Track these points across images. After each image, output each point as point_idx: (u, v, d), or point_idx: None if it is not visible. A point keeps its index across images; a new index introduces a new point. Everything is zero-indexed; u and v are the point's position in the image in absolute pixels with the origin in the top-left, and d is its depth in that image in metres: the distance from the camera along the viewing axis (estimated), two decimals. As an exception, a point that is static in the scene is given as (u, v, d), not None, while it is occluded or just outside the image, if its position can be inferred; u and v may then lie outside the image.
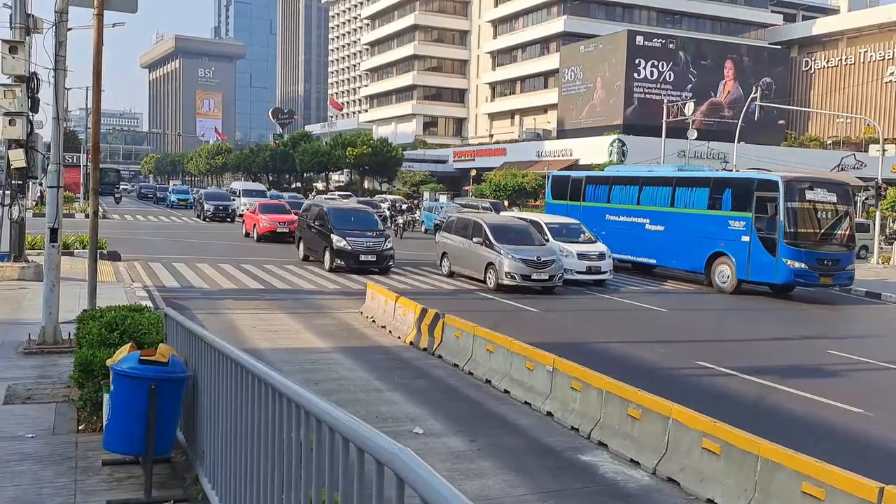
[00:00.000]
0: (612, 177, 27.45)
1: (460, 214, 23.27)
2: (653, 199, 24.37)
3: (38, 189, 39.79)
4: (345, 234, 21.17)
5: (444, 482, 2.10)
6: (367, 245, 21.22)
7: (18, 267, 15.94)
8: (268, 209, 31.35)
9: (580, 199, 27.56)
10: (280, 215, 30.61)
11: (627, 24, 73.62)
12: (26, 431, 6.67)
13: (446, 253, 21.56)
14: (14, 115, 12.18)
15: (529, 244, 19.44)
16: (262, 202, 34.05)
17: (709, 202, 22.19)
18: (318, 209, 23.38)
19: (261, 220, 29.98)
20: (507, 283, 18.61)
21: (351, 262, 20.87)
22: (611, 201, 26.19)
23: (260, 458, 3.86)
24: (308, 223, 23.49)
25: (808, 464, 5.83)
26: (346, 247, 20.97)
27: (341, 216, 22.40)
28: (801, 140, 71.89)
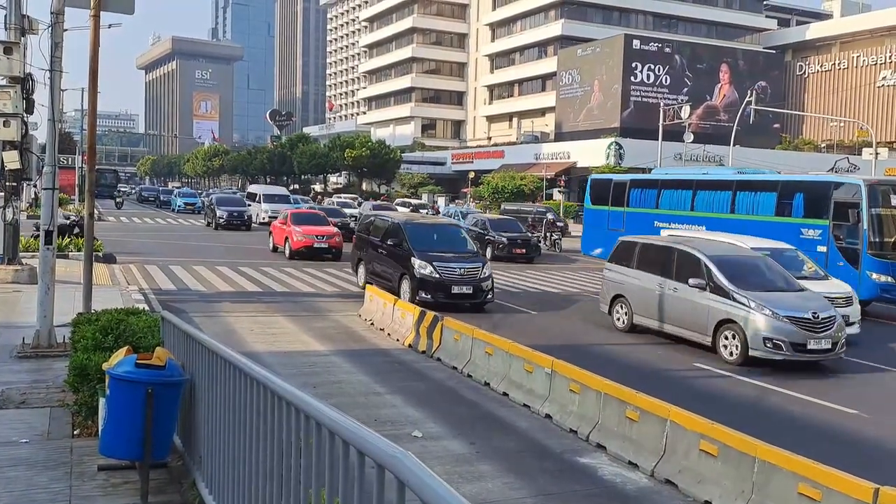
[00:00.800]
0: (661, 180, 24.98)
1: (650, 241, 15.27)
2: (709, 205, 22.19)
3: (33, 191, 39.72)
4: (429, 258, 16.12)
5: (445, 486, 2.08)
6: (461, 272, 16.08)
7: (12, 269, 15.87)
8: (302, 219, 26.13)
9: (623, 204, 25.40)
10: (317, 227, 25.58)
11: (624, 27, 73.80)
12: (20, 436, 6.62)
13: (623, 296, 14.70)
14: (8, 116, 12.10)
15: (780, 288, 12.75)
16: (294, 211, 28.43)
17: (776, 208, 20.03)
18: (388, 224, 18.19)
19: (294, 233, 24.85)
20: (764, 355, 11.77)
21: (440, 296, 15.78)
22: (660, 207, 23.94)
23: (258, 462, 3.83)
24: (372, 241, 18.46)
25: (804, 465, 5.83)
26: (432, 274, 15.84)
27: (422, 233, 17.49)
28: (796, 143, 72.11)
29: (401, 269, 16.66)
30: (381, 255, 17.89)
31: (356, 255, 19.47)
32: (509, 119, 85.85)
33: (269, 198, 42.34)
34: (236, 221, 37.21)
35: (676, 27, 79.52)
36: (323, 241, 24.79)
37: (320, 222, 26.34)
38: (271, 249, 26.80)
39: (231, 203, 39.50)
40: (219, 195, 45.78)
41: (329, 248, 24.65)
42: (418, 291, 15.82)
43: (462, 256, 16.73)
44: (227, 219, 37.08)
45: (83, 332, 6.86)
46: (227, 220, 37.07)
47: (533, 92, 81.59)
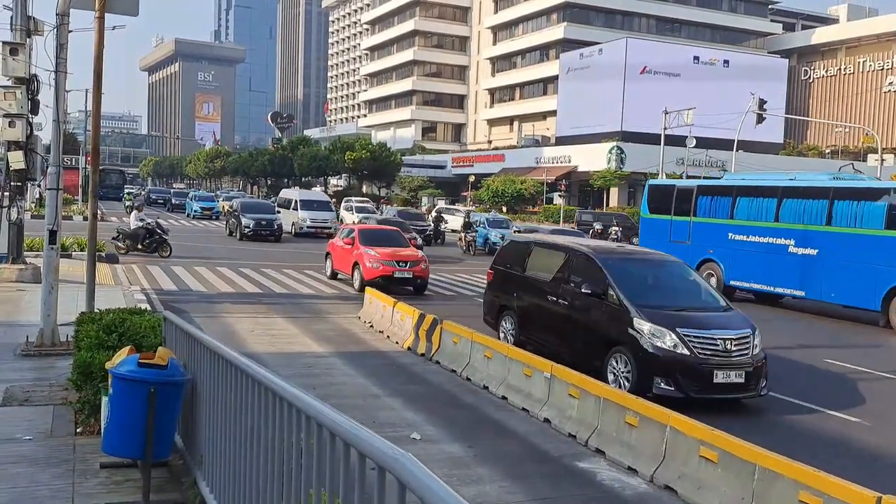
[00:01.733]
0: (736, 186, 21.93)
1: None
2: (799, 215, 19.39)
3: (37, 191, 39.77)
4: (666, 320, 9.84)
5: (446, 488, 2.11)
6: (725, 346, 9.75)
7: (17, 269, 15.93)
8: (375, 239, 19.85)
9: (690, 213, 22.56)
10: (395, 249, 19.28)
11: (627, 31, 73.96)
12: (23, 433, 6.66)
13: None
14: (14, 116, 12.20)
15: None
16: (362, 227, 22.19)
17: (887, 220, 17.38)
18: (566, 255, 11.74)
19: (365, 258, 18.69)
20: None
21: (693, 387, 9.55)
22: (735, 217, 21.10)
23: (259, 462, 3.87)
24: (530, 282, 12.29)
25: (805, 473, 5.83)
26: (676, 349, 9.58)
27: (633, 272, 11.27)
28: (800, 149, 72.19)
29: (606, 337, 10.32)
30: (553, 309, 11.45)
31: (495, 301, 13.23)
32: (510, 123, 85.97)
33: (307, 204, 37.02)
34: (264, 231, 32.35)
35: (680, 31, 79.65)
36: (405, 270, 18.56)
37: (398, 242, 20.14)
38: (329, 276, 20.99)
39: (259, 209, 34.46)
40: (245, 200, 40.90)
41: (413, 279, 18.77)
42: (652, 378, 9.48)
43: (711, 314, 10.49)
44: (255, 228, 32.15)
45: (86, 331, 6.91)
46: (253, 229, 32.10)
47: (534, 95, 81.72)
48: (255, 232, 32.23)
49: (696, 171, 51.88)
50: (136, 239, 23.95)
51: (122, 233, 24.43)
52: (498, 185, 62.16)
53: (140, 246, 23.86)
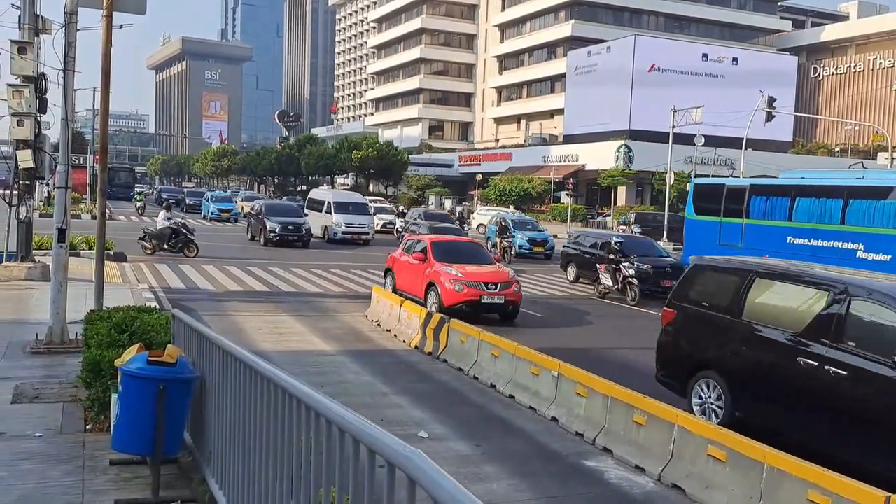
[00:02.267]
0: (796, 186, 20.14)
1: None
2: (869, 217, 17.79)
3: (45, 189, 39.93)
4: None
5: (457, 484, 2.12)
6: None
7: (26, 267, 16.00)
8: (452, 254, 16.27)
9: (742, 214, 20.94)
10: (480, 267, 15.81)
11: (635, 29, 73.70)
12: (34, 430, 6.70)
13: None
14: (22, 115, 12.24)
15: None
16: (436, 239, 17.60)
17: None
18: (841, 293, 7.47)
19: (444, 278, 15.13)
20: None
21: None
22: (794, 219, 19.47)
23: (268, 459, 3.88)
24: (759, 330, 8.24)
25: (814, 472, 5.82)
26: None
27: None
28: (809, 147, 71.89)
29: None
30: (807, 381, 7.58)
31: (683, 355, 9.35)
32: (517, 121, 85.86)
33: (341, 207, 32.97)
34: (291, 236, 29.43)
35: (689, 28, 79.34)
36: (495, 293, 14.97)
37: (481, 258, 16.56)
38: (391, 289, 17.00)
39: (285, 212, 31.36)
40: (269, 202, 36.98)
41: (505, 304, 15.12)
42: None
43: None
44: (281, 233, 29.17)
45: (96, 329, 6.94)
46: (280, 233, 29.15)
47: (542, 93, 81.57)
48: (281, 237, 29.11)
49: (705, 170, 51.72)
50: (163, 239, 23.85)
51: (148, 233, 24.39)
52: (505, 183, 62.09)
53: (166, 245, 23.76)
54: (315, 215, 33.35)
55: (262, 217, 30.57)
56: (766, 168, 56.83)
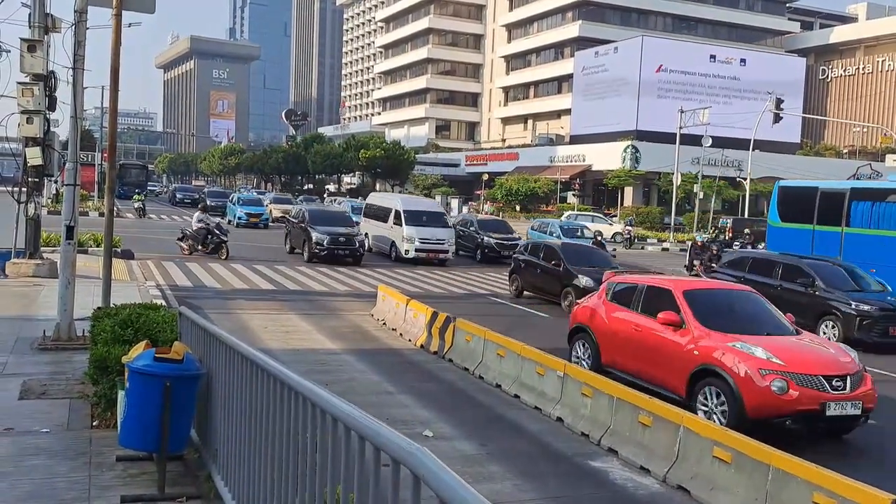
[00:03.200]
0: None
1: None
2: None
3: (54, 187, 40.08)
4: None
5: (461, 481, 2.12)
6: None
7: (34, 264, 16.07)
8: (727, 313, 9.77)
9: (840, 222, 18.69)
10: (788, 343, 9.07)
11: (643, 30, 73.54)
12: (41, 426, 6.74)
13: None
14: (31, 113, 12.30)
15: None
16: (691, 286, 10.32)
17: None
18: None
19: (740, 364, 8.39)
20: None
21: None
22: None
23: (274, 456, 3.89)
24: None
25: (819, 474, 5.80)
26: None
27: None
28: (817, 149, 71.65)
29: None
30: None
31: None
32: (524, 121, 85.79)
33: (414, 217, 26.21)
34: (342, 251, 24.24)
35: (696, 29, 79.11)
36: (846, 396, 8.34)
37: (773, 322, 9.73)
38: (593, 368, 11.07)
39: (333, 220, 25.80)
40: (313, 208, 30.62)
41: (859, 416, 8.52)
42: None
43: None
44: (330, 246, 23.96)
45: (103, 326, 6.97)
46: (328, 247, 23.94)
47: (549, 94, 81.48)
48: (330, 251, 23.94)
49: (712, 171, 51.60)
50: (198, 240, 23.35)
51: (185, 234, 23.96)
52: (511, 183, 62.06)
53: (200, 247, 23.21)
54: (375, 225, 27.96)
55: (305, 226, 24.86)
56: (773, 170, 56.75)
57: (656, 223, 51.71)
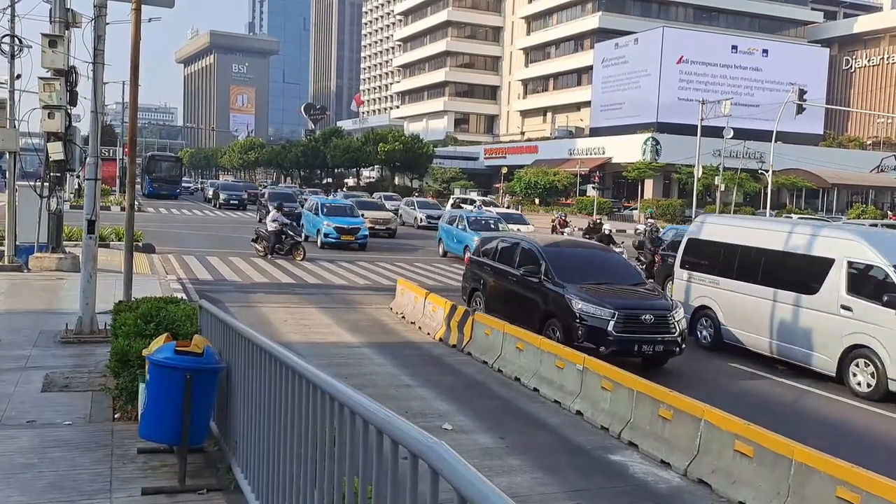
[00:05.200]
0: None
1: None
2: None
3: (76, 181, 40.47)
4: None
5: (480, 476, 2.10)
6: None
7: (56, 258, 16.25)
8: None
9: None
10: None
11: (663, 21, 72.89)
12: (63, 419, 6.81)
13: None
14: (53, 108, 12.41)
15: None
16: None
17: None
18: None
19: None
20: None
21: None
22: None
23: (293, 448, 3.90)
24: None
25: (843, 468, 5.73)
26: None
27: None
28: (840, 140, 70.69)
29: None
30: None
31: None
32: (543, 114, 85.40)
33: None
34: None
35: (718, 20, 78.24)
36: None
37: None
38: None
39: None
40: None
41: None
42: None
43: None
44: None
45: (124, 319, 7.03)
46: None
47: (568, 86, 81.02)
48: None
49: (734, 163, 51.09)
50: (271, 241, 22.26)
51: (259, 235, 22.98)
52: (530, 176, 61.87)
53: (275, 248, 22.22)
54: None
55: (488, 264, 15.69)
56: (796, 162, 56.10)
57: (677, 216, 51.31)
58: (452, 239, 25.59)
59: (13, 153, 16.83)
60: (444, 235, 26.64)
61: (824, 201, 61.91)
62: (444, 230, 26.82)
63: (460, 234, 24.93)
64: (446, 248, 26.02)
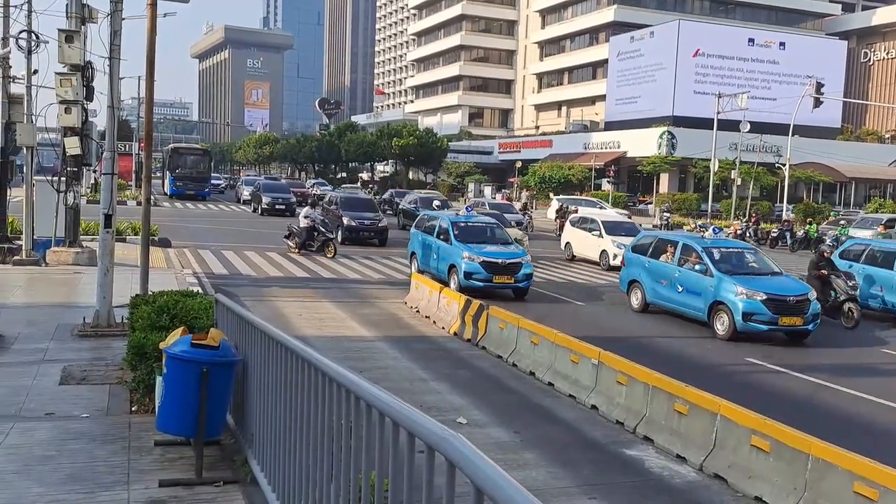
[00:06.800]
0: None
1: None
2: None
3: (92, 176, 40.73)
4: None
5: (496, 468, 2.09)
6: None
7: (73, 252, 16.39)
8: None
9: None
10: None
11: (679, 14, 72.24)
12: (81, 411, 6.87)
13: None
14: (70, 103, 12.48)
15: None
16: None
17: None
18: None
19: None
20: None
21: None
22: None
23: (308, 441, 3.91)
24: None
25: (860, 464, 5.68)
26: None
27: None
28: (858, 134, 69.94)
29: None
30: None
31: None
32: (558, 108, 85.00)
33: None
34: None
35: (734, 13, 77.51)
36: None
37: None
38: None
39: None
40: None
41: None
42: None
43: None
44: None
45: (140, 313, 7.07)
46: None
47: (583, 80, 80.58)
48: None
49: (750, 157, 50.65)
50: (303, 238, 22.07)
51: (291, 231, 22.65)
52: (545, 170, 61.63)
53: (306, 244, 22.01)
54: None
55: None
56: (814, 155, 55.54)
57: (693, 210, 50.99)
58: None
59: (30, 148, 16.97)
60: None
61: (842, 195, 61.30)
62: None
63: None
64: None
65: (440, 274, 17.26)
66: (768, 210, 48.30)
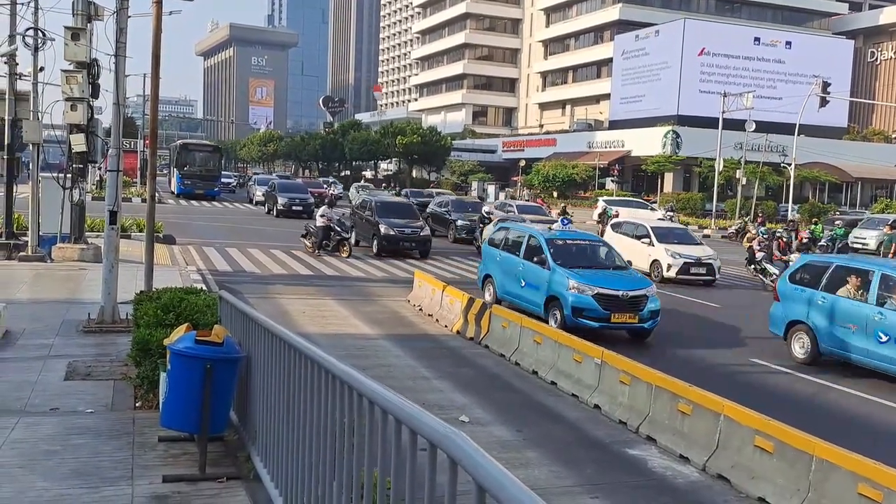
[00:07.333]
0: None
1: None
2: None
3: (98, 173, 40.78)
4: None
5: (499, 466, 2.10)
6: None
7: (78, 248, 16.43)
8: None
9: None
10: None
11: (684, 12, 72.09)
12: (86, 407, 6.90)
13: None
14: (76, 100, 12.51)
15: None
16: None
17: None
18: None
19: None
20: None
21: None
22: None
23: (311, 438, 3.92)
24: None
25: (865, 465, 5.67)
26: None
27: None
28: (865, 133, 69.72)
29: None
30: None
31: None
32: (562, 106, 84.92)
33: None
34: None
35: (740, 12, 77.31)
36: None
37: None
38: None
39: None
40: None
41: None
42: None
43: None
44: None
45: (145, 309, 7.10)
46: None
47: (588, 78, 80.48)
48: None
49: (756, 157, 50.54)
50: (318, 237, 21.81)
51: (308, 230, 22.35)
52: (549, 169, 61.58)
53: (323, 244, 21.71)
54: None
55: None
56: (820, 155, 55.39)
57: (697, 209, 50.90)
58: None
59: (36, 145, 17.02)
60: None
61: (848, 195, 61.13)
62: None
63: None
64: None
65: (531, 307, 13.22)
66: (773, 210, 48.16)
